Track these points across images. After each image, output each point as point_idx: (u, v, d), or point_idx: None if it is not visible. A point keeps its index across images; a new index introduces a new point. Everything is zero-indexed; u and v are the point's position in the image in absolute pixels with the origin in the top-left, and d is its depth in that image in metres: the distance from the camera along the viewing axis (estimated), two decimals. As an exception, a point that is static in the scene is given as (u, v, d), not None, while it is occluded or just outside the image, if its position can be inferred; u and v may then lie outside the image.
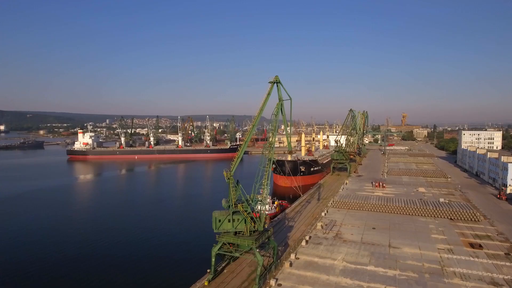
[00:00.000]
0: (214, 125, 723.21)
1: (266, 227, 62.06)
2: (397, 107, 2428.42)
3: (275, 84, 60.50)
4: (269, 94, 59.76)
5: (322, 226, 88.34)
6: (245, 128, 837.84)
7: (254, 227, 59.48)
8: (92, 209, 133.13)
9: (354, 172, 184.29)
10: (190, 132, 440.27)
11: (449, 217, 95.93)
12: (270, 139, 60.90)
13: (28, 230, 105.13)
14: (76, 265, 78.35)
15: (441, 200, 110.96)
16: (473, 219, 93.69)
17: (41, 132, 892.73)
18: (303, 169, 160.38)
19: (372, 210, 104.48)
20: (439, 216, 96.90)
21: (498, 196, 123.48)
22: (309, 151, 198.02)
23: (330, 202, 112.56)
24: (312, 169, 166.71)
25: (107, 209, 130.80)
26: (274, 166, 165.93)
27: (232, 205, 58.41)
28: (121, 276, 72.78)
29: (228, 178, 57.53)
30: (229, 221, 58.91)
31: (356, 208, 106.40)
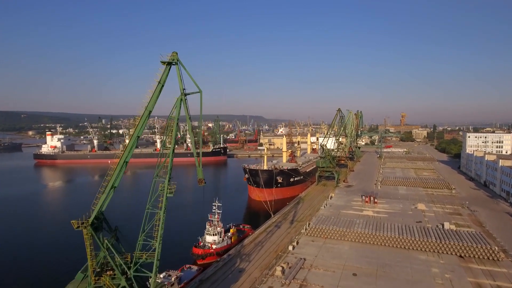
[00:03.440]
0: (210, 125, 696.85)
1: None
2: (396, 106, 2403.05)
3: (172, 66, 35.70)
4: (159, 83, 35.04)
5: (283, 271, 63.57)
6: (243, 127, 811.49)
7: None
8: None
9: (344, 181, 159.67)
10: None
11: (458, 254, 71.24)
12: (164, 156, 36.26)
13: None
14: None
15: (446, 226, 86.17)
16: (490, 257, 69.09)
17: (30, 133, 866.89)
18: (280, 180, 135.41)
19: (357, 240, 79.76)
20: (445, 252, 72.17)
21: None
22: (292, 157, 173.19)
23: (304, 228, 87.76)
24: (291, 179, 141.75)
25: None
26: (247, 176, 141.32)
27: (91, 275, 33.65)
28: None
29: (85, 228, 32.75)
30: (87, 302, 34.14)
31: (336, 238, 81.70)
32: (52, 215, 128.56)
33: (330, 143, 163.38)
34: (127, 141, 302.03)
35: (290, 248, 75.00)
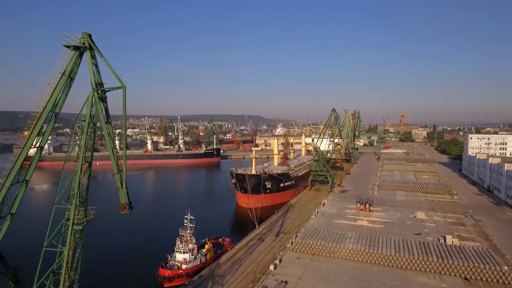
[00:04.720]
0: (207, 125, 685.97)
1: None
2: (396, 106, 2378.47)
3: (83, 52, 26.45)
4: (64, 74, 25.83)
5: (259, 299, 54.46)
6: (241, 127, 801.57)
7: None
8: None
9: (338, 185, 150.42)
10: (170, 134, 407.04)
11: (463, 275, 62.07)
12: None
13: None
14: None
15: (449, 239, 76.97)
16: (500, 280, 60.01)
17: (26, 133, 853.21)
18: (269, 186, 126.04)
19: (348, 258, 70.53)
20: (448, 273, 62.97)
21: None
22: (284, 160, 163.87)
23: (289, 243, 78.56)
24: (282, 184, 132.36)
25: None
26: (233, 181, 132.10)
27: None
28: None
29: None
30: None
31: (325, 254, 72.50)
32: None
33: (324, 145, 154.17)
34: (117, 142, 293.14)
35: (271, 267, 65.81)
